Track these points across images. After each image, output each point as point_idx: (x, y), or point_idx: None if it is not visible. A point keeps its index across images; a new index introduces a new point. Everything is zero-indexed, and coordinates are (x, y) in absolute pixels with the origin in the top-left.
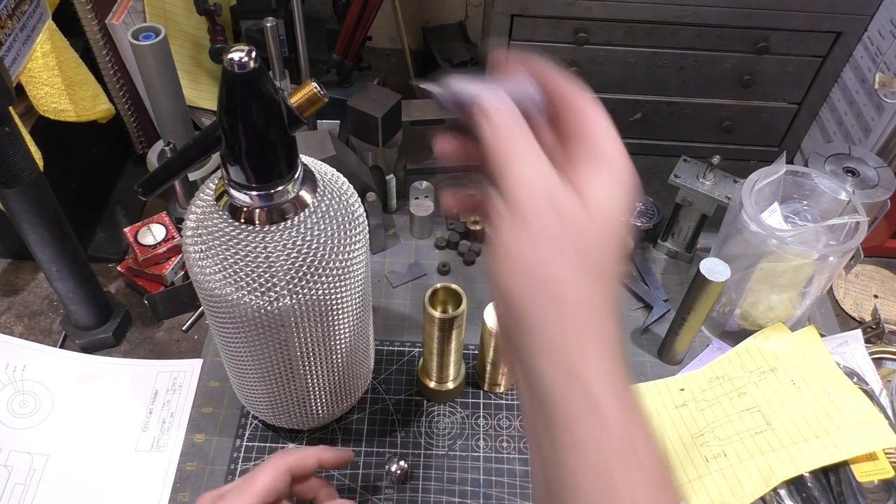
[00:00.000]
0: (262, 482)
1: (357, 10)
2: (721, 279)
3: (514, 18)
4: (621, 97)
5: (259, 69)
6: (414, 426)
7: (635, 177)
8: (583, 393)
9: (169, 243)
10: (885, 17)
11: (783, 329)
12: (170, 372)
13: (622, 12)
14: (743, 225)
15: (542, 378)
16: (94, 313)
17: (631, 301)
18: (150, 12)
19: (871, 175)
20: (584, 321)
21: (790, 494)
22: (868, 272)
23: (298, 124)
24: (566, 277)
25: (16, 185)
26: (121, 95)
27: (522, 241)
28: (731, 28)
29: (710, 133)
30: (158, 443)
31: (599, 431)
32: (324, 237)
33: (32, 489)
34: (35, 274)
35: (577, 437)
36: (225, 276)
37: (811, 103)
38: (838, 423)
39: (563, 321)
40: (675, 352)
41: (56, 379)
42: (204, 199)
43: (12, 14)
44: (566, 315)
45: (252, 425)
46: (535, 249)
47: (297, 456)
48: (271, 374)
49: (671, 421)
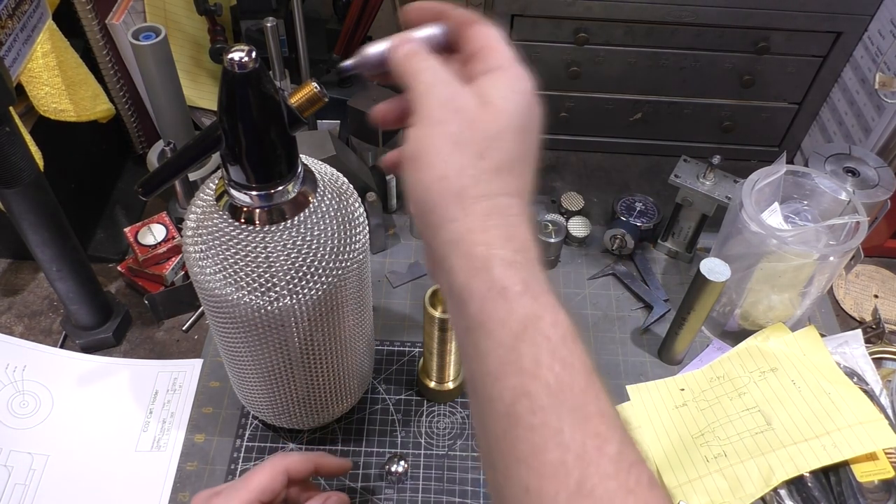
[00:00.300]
0: (259, 481)
1: (357, 10)
2: (721, 279)
3: (514, 18)
4: (621, 97)
5: (259, 69)
6: (414, 426)
7: (531, 80)
8: (487, 277)
9: (169, 243)
10: (885, 17)
11: (783, 329)
12: (170, 372)
13: (622, 12)
14: (743, 225)
15: (454, 273)
16: (94, 313)
17: (631, 301)
18: (151, 12)
19: (872, 175)
20: (485, 211)
21: (790, 494)
22: (868, 272)
23: (298, 124)
24: (466, 171)
25: (16, 185)
26: (121, 95)
27: (424, 141)
28: (731, 28)
29: (711, 133)
30: (158, 443)
31: (504, 311)
32: (324, 237)
33: (32, 489)
34: (35, 274)
35: (484, 320)
36: (225, 276)
37: (811, 103)
38: (838, 423)
39: (465, 212)
40: (675, 352)
41: (56, 379)
42: (204, 199)
43: (12, 14)
44: (467, 206)
45: (252, 425)
46: (437, 149)
47: (296, 459)
48: (271, 374)
49: (671, 421)
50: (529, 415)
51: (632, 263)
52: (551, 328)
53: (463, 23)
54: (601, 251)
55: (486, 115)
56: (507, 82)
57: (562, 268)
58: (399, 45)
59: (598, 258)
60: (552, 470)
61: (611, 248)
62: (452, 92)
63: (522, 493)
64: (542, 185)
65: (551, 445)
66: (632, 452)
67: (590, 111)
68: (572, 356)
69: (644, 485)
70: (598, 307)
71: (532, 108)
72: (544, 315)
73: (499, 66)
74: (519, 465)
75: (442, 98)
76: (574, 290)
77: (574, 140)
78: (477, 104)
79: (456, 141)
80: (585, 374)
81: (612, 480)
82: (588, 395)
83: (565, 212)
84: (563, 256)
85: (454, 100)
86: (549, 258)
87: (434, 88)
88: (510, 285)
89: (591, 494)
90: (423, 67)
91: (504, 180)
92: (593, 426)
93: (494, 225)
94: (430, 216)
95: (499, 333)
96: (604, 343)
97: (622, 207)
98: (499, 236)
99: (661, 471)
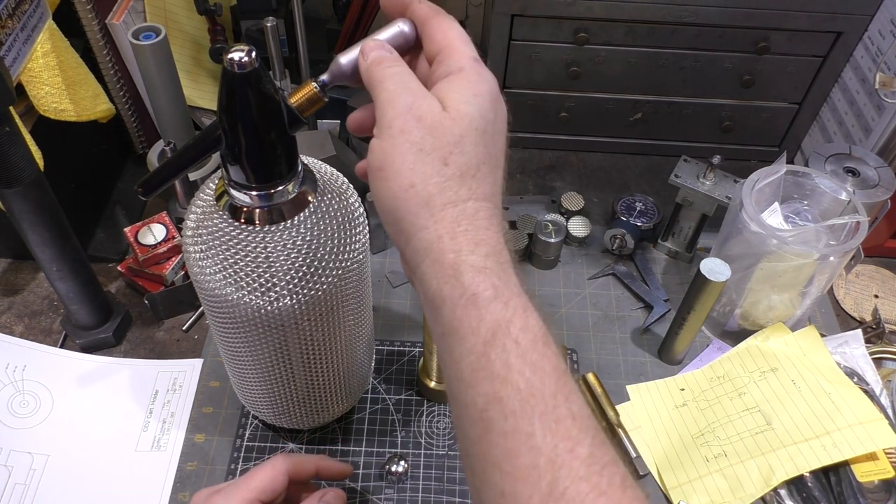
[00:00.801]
0: (260, 480)
1: (357, 10)
2: (721, 279)
3: (514, 18)
4: (621, 97)
5: (259, 69)
6: (414, 426)
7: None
8: (458, 284)
9: (169, 243)
10: (885, 17)
11: (783, 329)
12: (170, 372)
13: (623, 12)
14: (743, 225)
15: (426, 280)
16: (94, 313)
17: (631, 301)
18: (151, 12)
19: (872, 175)
20: (453, 217)
21: (790, 494)
22: (868, 272)
23: (298, 124)
24: (432, 178)
25: (16, 184)
26: (121, 95)
27: (388, 151)
28: (731, 28)
29: (711, 133)
30: (159, 443)
31: (475, 318)
32: (324, 237)
33: (33, 489)
34: (35, 274)
35: (456, 326)
36: (225, 276)
37: (811, 103)
38: (839, 423)
39: (434, 220)
40: (675, 352)
41: (56, 379)
42: (204, 199)
43: (13, 14)
44: (435, 214)
45: (252, 425)
46: (402, 157)
47: (297, 460)
48: (271, 374)
49: (671, 421)
50: (501, 420)
51: (632, 263)
52: (521, 332)
53: (423, 19)
54: (601, 251)
55: (447, 120)
56: (467, 85)
57: (562, 268)
58: (366, 52)
59: (598, 258)
60: (525, 473)
61: (611, 248)
62: (414, 99)
63: (498, 497)
64: (542, 185)
65: (523, 450)
66: (604, 454)
67: (590, 111)
68: (543, 360)
69: (616, 486)
70: (598, 307)
71: (495, 109)
72: (514, 319)
73: (459, 68)
74: (494, 470)
75: (404, 107)
76: (574, 290)
77: (574, 140)
78: (438, 110)
79: (420, 149)
80: (556, 377)
81: (584, 482)
82: (559, 398)
83: (565, 212)
84: (563, 256)
85: (416, 108)
86: (550, 258)
87: (396, 97)
88: (480, 291)
89: (563, 496)
90: (387, 75)
91: (470, 185)
92: (564, 429)
93: (463, 231)
94: (401, 224)
95: (470, 340)
96: (604, 343)
97: (622, 207)
98: (468, 242)
99: (661, 471)
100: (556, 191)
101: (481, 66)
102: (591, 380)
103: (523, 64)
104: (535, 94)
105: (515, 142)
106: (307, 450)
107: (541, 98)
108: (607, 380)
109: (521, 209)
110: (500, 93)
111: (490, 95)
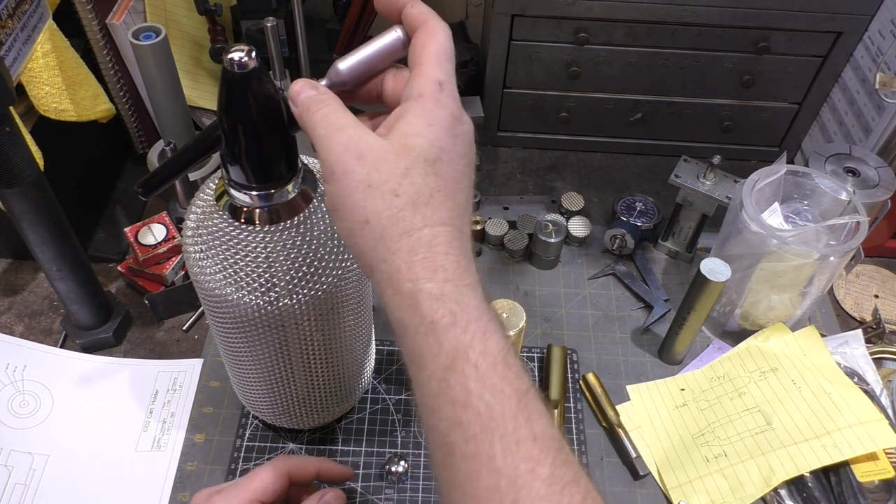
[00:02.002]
0: (260, 481)
1: (357, 10)
2: (721, 279)
3: (515, 18)
4: (621, 97)
5: (259, 69)
6: (414, 426)
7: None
8: (417, 312)
9: (169, 243)
10: (885, 17)
11: (783, 329)
12: (170, 372)
13: (623, 12)
14: (743, 225)
15: (389, 309)
16: (94, 313)
17: (631, 301)
18: (151, 12)
19: (872, 175)
20: (408, 247)
21: (790, 494)
22: (868, 272)
23: (298, 124)
24: (383, 212)
25: (16, 184)
26: (121, 95)
27: (337, 194)
28: (731, 28)
29: (711, 133)
30: (159, 443)
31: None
32: (324, 237)
33: (33, 489)
34: (35, 274)
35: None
36: (225, 276)
37: (811, 103)
38: (839, 423)
39: (390, 252)
40: (675, 352)
41: (56, 379)
42: (204, 199)
43: (13, 14)
44: (391, 246)
45: (252, 425)
46: (351, 197)
47: (298, 462)
48: (271, 374)
49: (671, 421)
50: (463, 444)
51: (632, 263)
52: (480, 357)
53: (414, 26)
54: (601, 251)
55: (391, 154)
56: (422, 114)
57: (562, 268)
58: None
59: (599, 258)
60: (487, 496)
61: (611, 248)
62: (348, 139)
63: None
64: (542, 185)
65: (485, 472)
66: (566, 473)
67: (590, 111)
68: (503, 382)
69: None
70: (598, 307)
71: (454, 135)
72: (473, 344)
73: (419, 94)
74: (458, 492)
75: (341, 148)
76: (574, 290)
77: (574, 140)
78: (380, 145)
79: (368, 185)
80: (517, 399)
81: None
82: (519, 420)
83: (565, 212)
84: (563, 256)
85: (353, 147)
86: (550, 258)
87: (330, 141)
88: (438, 318)
89: None
90: (315, 121)
91: (424, 213)
92: (525, 450)
93: (420, 259)
94: (362, 259)
95: (431, 366)
96: (604, 343)
97: (622, 207)
98: (425, 270)
99: (661, 471)
100: (556, 191)
101: (442, 91)
102: (591, 380)
103: (523, 64)
104: (535, 94)
105: (515, 142)
106: (307, 450)
107: (541, 98)
108: (607, 380)
109: (521, 209)
110: (462, 115)
111: (447, 123)
